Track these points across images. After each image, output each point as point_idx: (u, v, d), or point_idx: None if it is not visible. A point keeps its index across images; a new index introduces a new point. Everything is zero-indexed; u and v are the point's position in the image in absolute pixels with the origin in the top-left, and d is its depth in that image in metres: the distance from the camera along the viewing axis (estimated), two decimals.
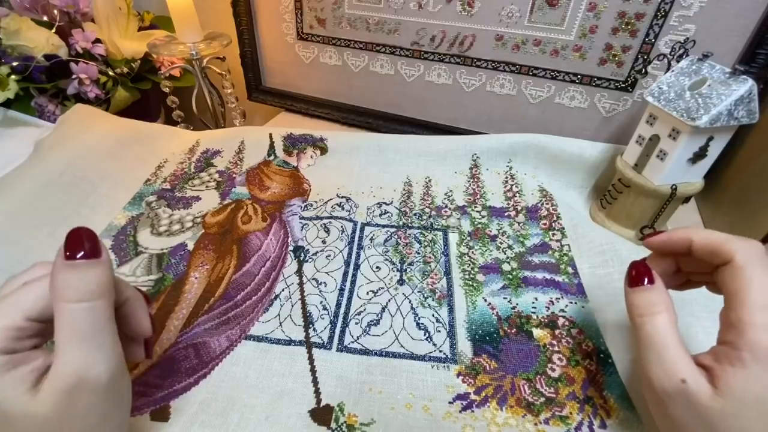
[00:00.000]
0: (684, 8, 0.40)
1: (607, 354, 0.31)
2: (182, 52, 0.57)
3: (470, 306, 0.35)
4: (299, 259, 0.39)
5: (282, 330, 0.33)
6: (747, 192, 0.43)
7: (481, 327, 0.33)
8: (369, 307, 0.35)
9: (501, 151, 0.49)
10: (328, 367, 0.31)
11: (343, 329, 0.33)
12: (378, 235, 0.42)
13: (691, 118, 0.33)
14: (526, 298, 0.35)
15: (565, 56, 0.47)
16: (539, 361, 0.31)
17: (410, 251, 0.40)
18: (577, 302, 0.35)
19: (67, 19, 0.61)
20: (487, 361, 0.31)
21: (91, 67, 0.59)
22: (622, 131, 0.49)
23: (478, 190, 0.47)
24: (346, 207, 0.45)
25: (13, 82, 0.54)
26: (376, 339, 0.33)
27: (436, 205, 0.45)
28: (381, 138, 0.52)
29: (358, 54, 0.58)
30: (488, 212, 0.44)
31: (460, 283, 0.37)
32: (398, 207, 0.45)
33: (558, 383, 0.29)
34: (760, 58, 0.38)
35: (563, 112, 0.51)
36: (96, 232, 0.19)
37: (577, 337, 0.32)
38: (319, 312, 0.34)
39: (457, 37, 0.51)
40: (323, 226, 0.42)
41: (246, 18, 0.61)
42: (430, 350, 0.32)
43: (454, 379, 0.30)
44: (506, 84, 0.52)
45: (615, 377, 0.30)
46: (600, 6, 0.43)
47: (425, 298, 0.36)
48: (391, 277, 0.38)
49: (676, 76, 0.37)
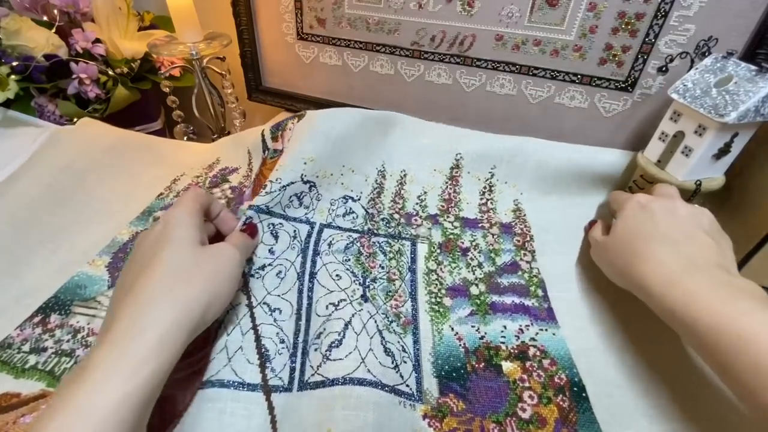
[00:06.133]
0: (684, 8, 0.40)
1: (580, 386, 0.30)
2: (182, 52, 0.57)
3: (436, 336, 0.33)
4: (243, 272, 0.30)
5: (232, 369, 0.26)
6: (747, 192, 0.43)
7: (447, 361, 0.31)
8: (330, 325, 0.30)
9: (487, 156, 0.46)
10: (288, 413, 0.25)
11: (303, 361, 0.28)
12: (338, 240, 0.36)
13: (719, 115, 0.34)
14: (494, 326, 0.33)
15: (565, 56, 0.47)
16: (509, 400, 0.29)
17: (374, 264, 0.36)
18: (548, 329, 0.33)
19: (67, 19, 0.61)
20: (454, 401, 0.29)
21: (91, 66, 0.59)
22: (622, 131, 0.49)
23: (453, 196, 0.44)
24: (305, 201, 0.37)
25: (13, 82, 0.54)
26: (338, 364, 0.28)
27: (407, 211, 0.41)
28: (367, 111, 0.46)
29: (358, 54, 0.58)
30: (461, 223, 0.42)
31: (426, 308, 0.34)
32: (365, 206, 0.40)
33: (530, 425, 0.28)
34: (760, 57, 0.38)
35: (563, 112, 0.50)
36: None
37: (549, 369, 0.31)
38: (277, 347, 0.28)
39: (457, 37, 0.51)
40: (271, 229, 0.34)
41: (246, 18, 0.61)
42: (398, 382, 0.28)
43: (419, 422, 0.27)
44: (506, 84, 0.52)
45: (588, 415, 0.28)
46: (600, 6, 0.43)
47: (390, 322, 0.32)
48: (354, 289, 0.33)
49: (700, 73, 0.38)
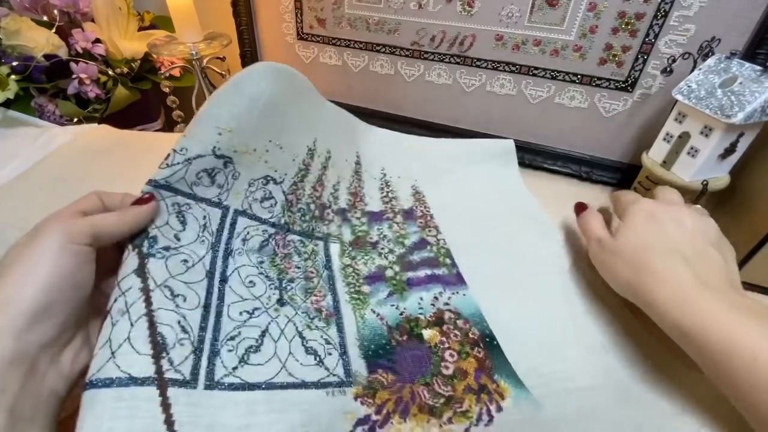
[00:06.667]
0: (684, 8, 0.40)
1: (491, 336, 0.33)
2: (182, 52, 0.57)
3: (359, 321, 0.34)
4: (140, 251, 0.25)
5: (116, 363, 0.21)
6: (748, 191, 0.43)
7: (372, 341, 0.32)
8: (245, 331, 0.28)
9: (375, 159, 0.49)
10: (193, 413, 0.22)
11: (213, 359, 0.25)
12: (253, 236, 0.34)
13: (726, 116, 0.34)
14: (411, 301, 0.36)
15: (565, 56, 0.47)
16: (433, 362, 0.31)
17: (289, 264, 0.35)
18: (459, 291, 0.37)
19: (67, 19, 0.61)
20: (383, 375, 0.30)
21: (91, 66, 0.59)
22: (622, 131, 0.49)
23: (359, 190, 0.46)
24: (218, 179, 0.31)
25: (13, 82, 0.54)
26: (257, 369, 0.26)
27: (322, 202, 0.41)
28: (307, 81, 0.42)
29: (358, 54, 0.58)
30: (368, 218, 0.44)
31: (346, 298, 0.35)
32: (286, 191, 0.37)
33: (453, 380, 0.30)
34: (760, 57, 0.38)
35: (563, 112, 0.50)
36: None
37: (463, 327, 0.33)
38: (177, 336, 0.24)
39: (457, 37, 0.51)
40: (176, 210, 0.29)
41: (246, 18, 0.61)
42: (323, 375, 0.28)
43: (351, 403, 0.27)
44: (506, 84, 0.52)
45: (501, 358, 0.31)
46: (600, 6, 0.43)
47: (311, 319, 0.32)
48: (269, 296, 0.31)
49: (704, 74, 0.38)
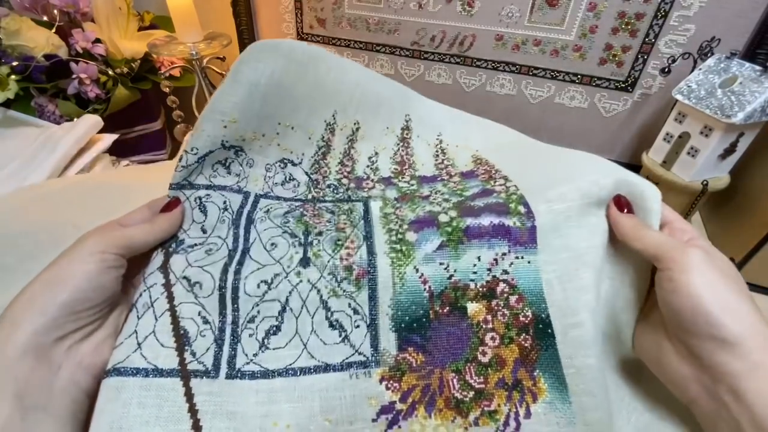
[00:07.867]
0: (684, 8, 0.40)
1: (546, 323, 0.27)
2: (182, 52, 0.57)
3: (397, 282, 0.28)
4: (166, 250, 0.27)
5: (142, 354, 0.23)
6: (747, 191, 0.43)
7: (408, 311, 0.27)
8: (264, 308, 0.27)
9: (431, 122, 0.41)
10: (215, 402, 0.23)
11: (234, 346, 0.25)
12: (277, 208, 0.31)
13: (726, 116, 0.34)
14: (466, 260, 0.28)
15: (565, 56, 0.47)
16: (470, 344, 0.26)
17: (319, 220, 0.31)
18: (524, 255, 0.29)
19: (67, 19, 0.61)
20: (413, 355, 0.26)
21: (91, 66, 0.59)
22: (622, 131, 0.49)
23: (407, 158, 0.39)
24: (234, 168, 0.31)
25: (13, 82, 0.54)
26: (278, 354, 0.25)
27: (357, 175, 0.36)
28: (314, 50, 0.35)
29: (358, 54, 0.58)
30: (418, 181, 0.36)
31: (385, 249, 0.29)
32: (308, 171, 0.34)
33: (488, 369, 0.26)
34: (760, 57, 0.38)
35: (563, 112, 0.50)
36: None
37: (515, 306, 0.27)
38: (199, 327, 0.25)
39: (457, 37, 0.51)
40: (199, 203, 0.29)
41: (246, 18, 0.61)
42: (347, 354, 0.26)
43: (376, 387, 0.25)
44: (506, 84, 0.52)
45: (551, 352, 0.26)
46: (600, 6, 0.43)
47: (339, 282, 0.28)
48: (291, 255, 0.28)
49: (704, 74, 0.38)
